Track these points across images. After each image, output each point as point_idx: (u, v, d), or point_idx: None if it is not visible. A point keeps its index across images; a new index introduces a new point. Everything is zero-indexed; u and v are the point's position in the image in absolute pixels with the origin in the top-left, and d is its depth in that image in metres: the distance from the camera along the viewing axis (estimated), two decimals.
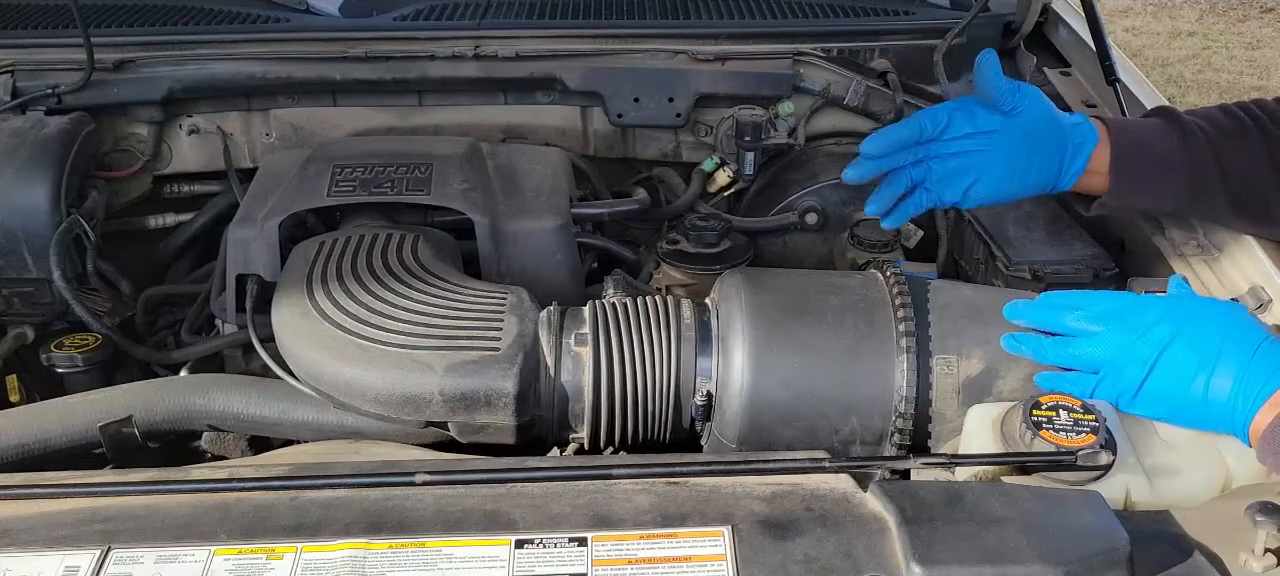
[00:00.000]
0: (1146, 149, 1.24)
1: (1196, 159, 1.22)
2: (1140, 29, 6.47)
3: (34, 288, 1.49)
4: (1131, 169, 1.24)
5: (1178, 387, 0.97)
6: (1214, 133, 1.24)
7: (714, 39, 1.79)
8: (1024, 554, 0.77)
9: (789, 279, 1.18)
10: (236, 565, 0.80)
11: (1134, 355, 0.99)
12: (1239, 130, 1.24)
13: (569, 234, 1.44)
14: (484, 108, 1.80)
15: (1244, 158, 1.22)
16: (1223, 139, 1.23)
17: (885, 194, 1.27)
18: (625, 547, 0.82)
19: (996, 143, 1.23)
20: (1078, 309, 1.06)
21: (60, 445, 1.16)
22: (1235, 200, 1.23)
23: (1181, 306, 1.02)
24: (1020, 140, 1.23)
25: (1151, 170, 1.24)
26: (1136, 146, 1.24)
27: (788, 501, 0.86)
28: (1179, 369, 0.97)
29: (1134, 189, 1.25)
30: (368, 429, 1.15)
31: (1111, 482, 0.93)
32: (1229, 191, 1.23)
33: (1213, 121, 1.25)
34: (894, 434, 1.08)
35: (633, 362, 1.12)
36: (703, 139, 1.80)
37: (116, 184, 1.69)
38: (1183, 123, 1.24)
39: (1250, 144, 1.22)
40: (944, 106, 1.25)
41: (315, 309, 1.16)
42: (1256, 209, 1.24)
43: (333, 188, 1.41)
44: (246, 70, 1.73)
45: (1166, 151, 1.23)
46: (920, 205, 1.28)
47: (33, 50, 1.73)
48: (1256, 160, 1.22)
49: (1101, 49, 1.71)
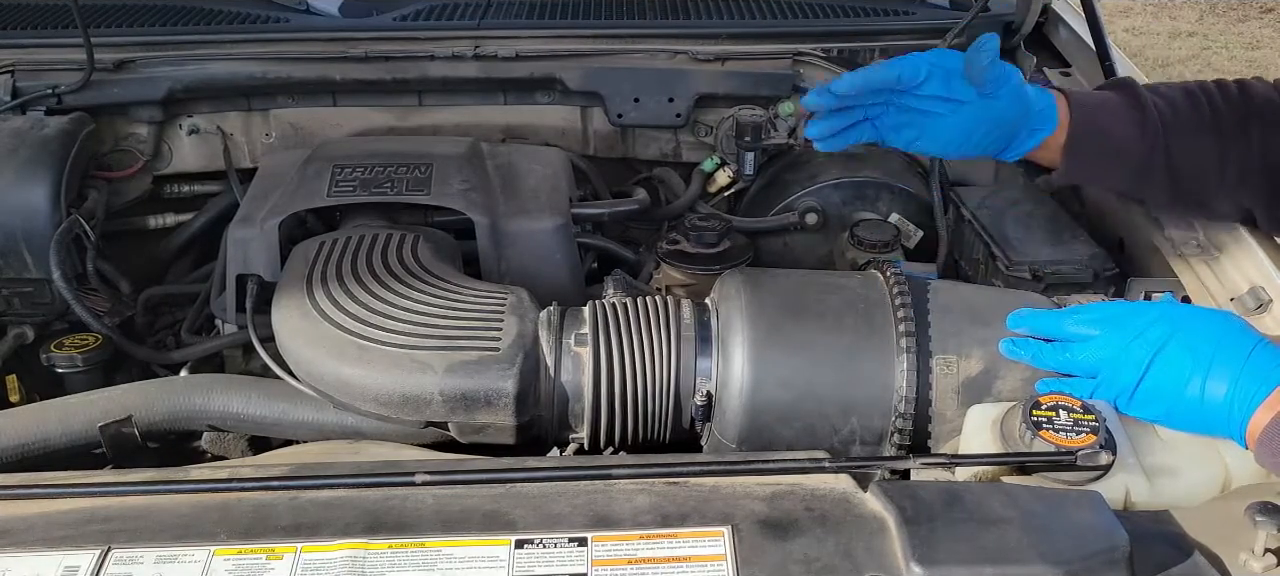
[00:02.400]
0: (1102, 135, 1.27)
1: (1148, 147, 1.25)
2: (1140, 29, 6.47)
3: (34, 288, 1.49)
4: (1084, 153, 1.27)
5: (1173, 389, 0.97)
6: (1171, 118, 1.26)
7: (714, 39, 1.79)
8: (1024, 554, 0.77)
9: (789, 279, 1.18)
10: (236, 565, 0.80)
11: (1129, 357, 1.00)
12: (1195, 121, 1.27)
13: (569, 234, 1.44)
14: (484, 108, 1.80)
15: (1194, 153, 1.26)
16: (1177, 129, 1.26)
17: (834, 122, 1.28)
18: (625, 547, 0.82)
19: (960, 113, 1.25)
20: (1075, 314, 1.07)
21: (60, 445, 1.16)
22: (1175, 190, 1.28)
23: (1176, 311, 1.03)
24: (982, 119, 1.25)
25: (1102, 155, 1.28)
26: (1093, 132, 1.27)
27: (788, 501, 0.86)
28: (1174, 371, 0.97)
29: (1082, 171, 1.31)
30: (368, 429, 1.15)
31: (1111, 482, 0.93)
32: (1172, 182, 1.27)
33: (1174, 106, 1.28)
34: (894, 434, 1.08)
35: (633, 363, 1.12)
36: (703, 139, 1.80)
37: (116, 184, 1.69)
38: (1144, 107, 1.27)
39: (1202, 139, 1.26)
40: (923, 60, 1.25)
41: (315, 309, 1.16)
42: (1192, 202, 1.30)
43: (333, 188, 1.41)
44: (246, 70, 1.73)
45: (1121, 140, 1.26)
46: (862, 137, 1.29)
47: (33, 50, 1.73)
48: (1206, 156, 1.26)
49: (1101, 49, 1.71)
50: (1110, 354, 1.01)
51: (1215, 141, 1.26)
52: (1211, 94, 1.29)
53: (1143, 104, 1.27)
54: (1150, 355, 0.99)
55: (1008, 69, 1.25)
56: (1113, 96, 1.31)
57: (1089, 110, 1.28)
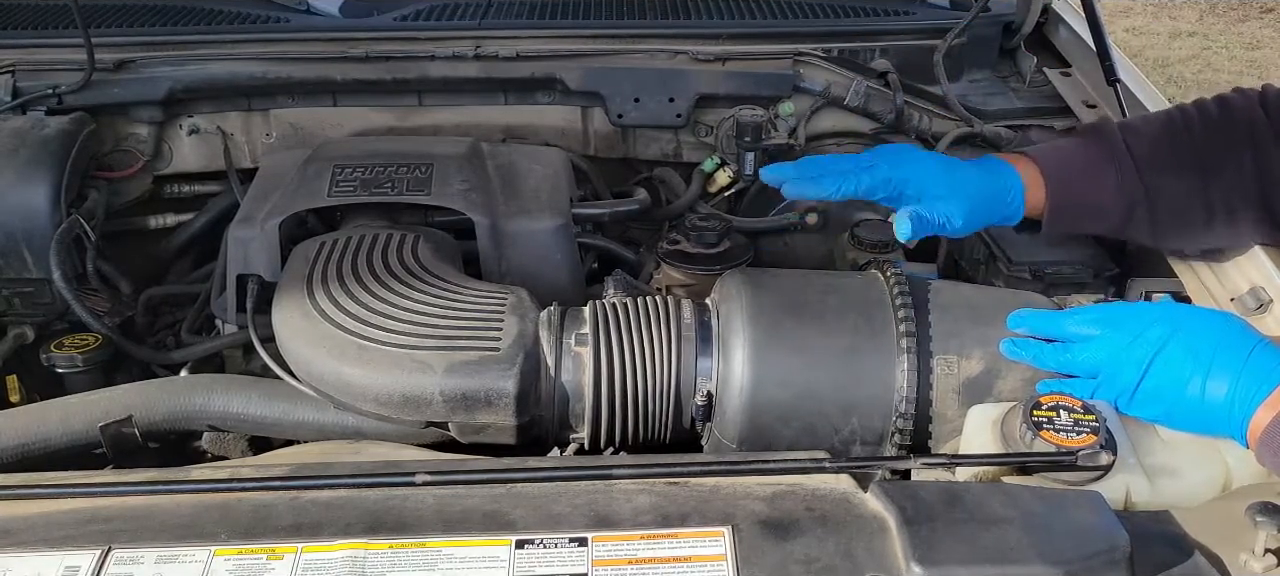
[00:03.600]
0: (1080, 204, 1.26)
1: (1129, 199, 1.24)
2: (1140, 29, 6.47)
3: (34, 287, 1.49)
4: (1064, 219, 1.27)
5: (1174, 389, 0.97)
6: (1150, 158, 1.24)
7: (714, 39, 1.78)
8: (1024, 554, 0.77)
9: (789, 279, 1.18)
10: (236, 565, 0.80)
11: (1130, 357, 1.00)
12: (1175, 161, 1.24)
13: (569, 234, 1.44)
14: (484, 108, 1.80)
15: (1176, 195, 1.24)
16: (1157, 169, 1.24)
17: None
18: (625, 548, 0.82)
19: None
20: (1075, 314, 1.07)
21: (60, 445, 1.16)
22: (1156, 230, 1.26)
23: (1176, 311, 1.03)
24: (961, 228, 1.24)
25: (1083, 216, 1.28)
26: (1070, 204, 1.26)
27: (788, 501, 0.86)
28: (1175, 371, 0.98)
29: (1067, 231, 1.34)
30: (368, 429, 1.15)
31: (1111, 483, 0.93)
32: (1153, 223, 1.25)
33: (1155, 147, 1.25)
34: (894, 434, 1.08)
35: (633, 363, 1.12)
36: (703, 139, 1.79)
37: (116, 184, 1.68)
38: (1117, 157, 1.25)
39: (1186, 180, 1.23)
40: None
41: (315, 309, 1.16)
42: (1178, 236, 1.28)
43: (333, 188, 1.41)
44: (247, 70, 1.73)
45: (1098, 199, 1.25)
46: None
47: (33, 50, 1.73)
48: (1192, 197, 1.23)
49: (1101, 49, 1.71)
50: (1111, 354, 1.02)
51: (1199, 180, 1.23)
52: (1192, 123, 1.26)
53: (1115, 153, 1.25)
54: (1151, 355, 0.99)
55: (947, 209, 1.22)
56: (1086, 152, 1.28)
57: (1064, 180, 1.26)
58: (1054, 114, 1.78)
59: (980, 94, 1.83)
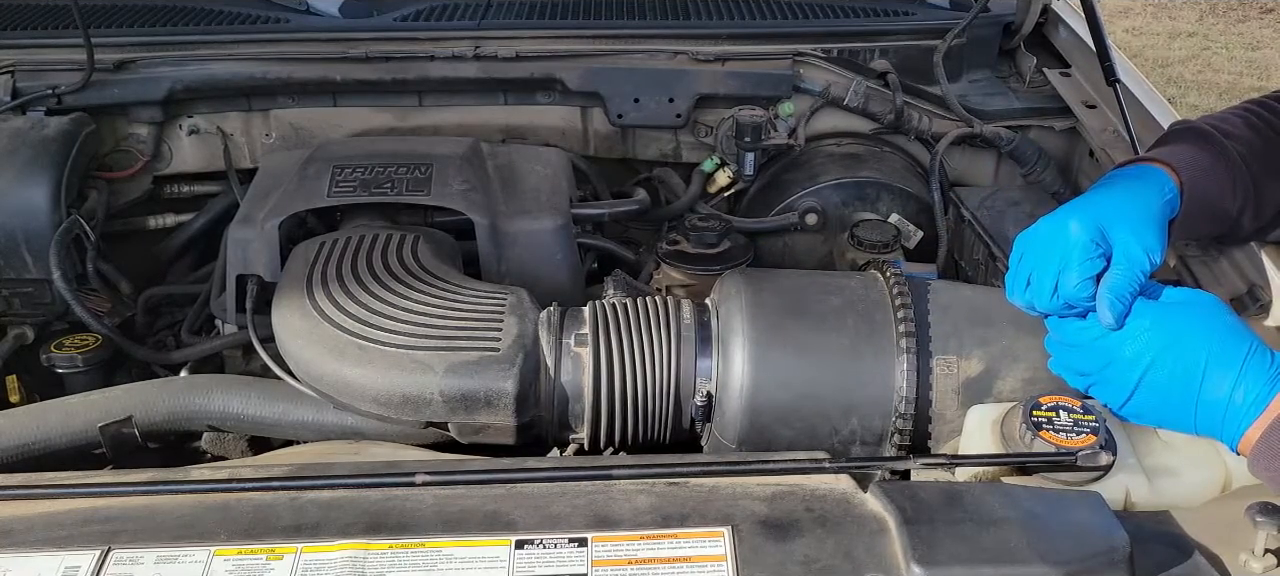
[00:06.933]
0: (1209, 203, 1.18)
1: (1242, 199, 1.19)
2: (1140, 29, 6.47)
3: (34, 288, 1.50)
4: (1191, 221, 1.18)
5: (1166, 397, 0.95)
6: (1247, 156, 1.19)
7: (714, 39, 1.79)
8: (1024, 554, 0.77)
9: (789, 279, 1.18)
10: (236, 565, 0.80)
11: (1125, 360, 0.97)
12: (1266, 155, 1.20)
13: (569, 234, 1.44)
14: (484, 108, 1.80)
15: (1275, 191, 1.20)
16: (1257, 166, 1.19)
17: None
18: (625, 548, 0.82)
19: None
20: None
21: (60, 445, 1.16)
22: (1258, 229, 1.23)
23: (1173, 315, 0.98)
24: None
25: (1203, 219, 1.20)
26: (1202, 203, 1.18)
27: (788, 502, 0.86)
28: (1168, 378, 0.95)
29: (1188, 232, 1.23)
30: (368, 429, 1.16)
31: (1111, 483, 0.93)
32: (1257, 219, 1.21)
33: (1247, 143, 1.20)
34: (894, 434, 1.08)
35: (633, 363, 1.12)
36: (703, 139, 1.80)
37: (116, 184, 1.69)
38: (1227, 157, 1.19)
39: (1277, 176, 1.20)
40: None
41: (315, 309, 1.16)
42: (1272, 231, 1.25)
43: (333, 188, 1.41)
44: (246, 70, 1.73)
45: (1220, 202, 1.19)
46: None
47: (33, 50, 1.73)
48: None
49: (1101, 49, 1.71)
50: (1107, 355, 1.00)
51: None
52: (1271, 119, 1.22)
53: (1227, 157, 1.19)
54: (1146, 362, 0.97)
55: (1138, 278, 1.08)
56: (1200, 154, 1.20)
57: (1196, 183, 1.18)
58: (1054, 114, 1.78)
59: (980, 94, 1.83)
